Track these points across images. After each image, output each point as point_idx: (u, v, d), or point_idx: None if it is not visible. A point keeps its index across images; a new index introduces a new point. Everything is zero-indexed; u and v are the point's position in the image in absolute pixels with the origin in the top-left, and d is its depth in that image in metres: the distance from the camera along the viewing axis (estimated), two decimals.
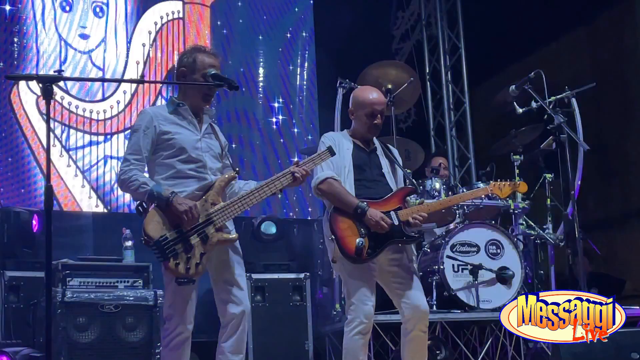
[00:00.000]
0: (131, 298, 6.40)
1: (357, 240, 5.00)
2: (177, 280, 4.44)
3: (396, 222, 5.09)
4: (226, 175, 4.71)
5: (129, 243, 6.73)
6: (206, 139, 4.80)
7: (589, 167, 7.63)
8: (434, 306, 6.79)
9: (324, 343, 7.18)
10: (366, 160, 5.33)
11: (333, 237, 5.05)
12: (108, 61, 8.54)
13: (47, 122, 4.08)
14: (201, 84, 4.74)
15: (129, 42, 8.68)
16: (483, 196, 7.14)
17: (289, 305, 7.16)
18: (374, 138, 5.46)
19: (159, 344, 6.26)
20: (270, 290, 7.13)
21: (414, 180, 6.00)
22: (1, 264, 6.71)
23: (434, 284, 6.85)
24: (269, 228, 7.47)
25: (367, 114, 5.31)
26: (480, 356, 6.59)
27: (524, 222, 7.52)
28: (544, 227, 7.58)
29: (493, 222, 7.23)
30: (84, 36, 8.47)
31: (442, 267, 6.81)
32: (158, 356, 6.21)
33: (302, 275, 7.20)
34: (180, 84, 4.84)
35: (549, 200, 7.58)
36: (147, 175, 4.69)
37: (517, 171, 7.50)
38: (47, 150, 4.07)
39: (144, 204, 4.53)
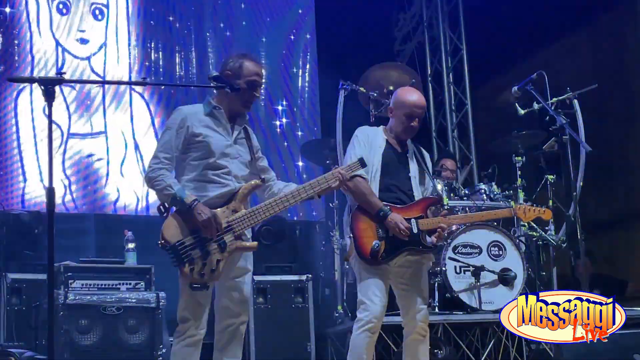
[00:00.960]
0: (133, 300, 6.40)
1: (374, 242, 5.07)
2: (191, 285, 4.45)
3: (415, 230, 5.14)
4: (252, 183, 4.70)
5: (131, 245, 6.74)
6: (237, 146, 4.79)
7: (591, 168, 7.61)
8: (436, 308, 6.79)
9: (326, 345, 7.18)
10: (396, 161, 5.38)
11: (351, 235, 5.13)
12: (109, 67, 8.53)
13: (49, 124, 4.08)
14: (202, 86, 4.74)
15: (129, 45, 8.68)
16: (485, 198, 7.18)
17: (291, 307, 7.16)
18: (409, 141, 5.51)
19: (161, 346, 6.29)
20: (273, 292, 7.13)
21: (440, 192, 5.99)
22: (3, 267, 6.71)
23: (436, 285, 6.85)
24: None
25: (405, 115, 5.34)
26: (483, 358, 6.58)
27: (525, 224, 7.51)
28: (546, 228, 7.57)
29: (495, 223, 7.23)
30: (82, 41, 8.44)
31: (444, 268, 6.81)
32: (160, 358, 6.22)
33: (304, 277, 7.20)
34: (189, 86, 4.81)
35: (551, 201, 7.57)
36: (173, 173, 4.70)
37: (519, 172, 7.50)
38: (50, 153, 4.06)
39: (166, 205, 4.54)
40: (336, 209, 7.54)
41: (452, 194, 7.39)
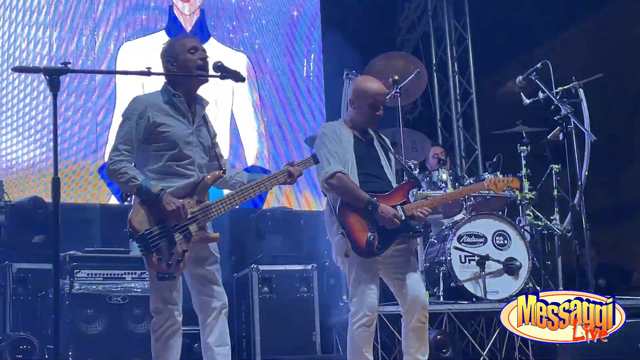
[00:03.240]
0: (139, 290, 6.42)
1: (369, 234, 5.04)
2: (158, 275, 4.43)
3: (403, 217, 5.11)
4: (215, 174, 4.68)
5: None
6: (197, 133, 4.75)
7: (596, 158, 7.61)
8: (441, 297, 6.80)
9: (331, 334, 7.19)
10: (366, 152, 5.32)
11: (343, 232, 5.07)
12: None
13: (54, 114, 4.08)
14: (208, 75, 4.71)
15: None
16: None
17: (296, 296, 7.17)
18: (369, 129, 5.45)
19: None
20: (278, 282, 7.14)
21: (414, 173, 5.99)
22: (9, 256, 6.73)
23: (441, 275, 6.85)
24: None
25: (369, 105, 5.26)
26: (488, 347, 6.58)
27: (530, 213, 7.52)
28: (551, 217, 7.57)
29: (500, 213, 7.22)
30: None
31: (449, 258, 6.81)
32: None
33: (309, 267, 7.20)
34: (192, 76, 4.76)
35: (555, 190, 7.57)
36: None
37: (523, 162, 7.50)
38: (55, 143, 4.07)
39: (128, 195, 4.53)
40: None
41: (457, 184, 7.39)
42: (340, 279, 7.33)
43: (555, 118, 6.79)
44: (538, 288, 7.18)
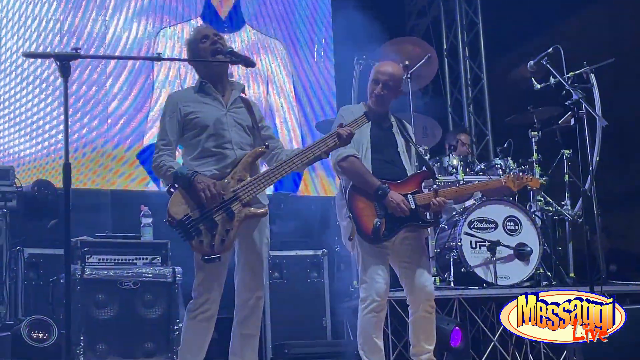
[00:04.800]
0: (150, 275, 6.44)
1: (375, 220, 5.06)
2: (203, 257, 4.48)
3: (413, 206, 5.13)
4: (255, 150, 4.71)
5: (147, 220, 6.76)
6: (232, 114, 4.80)
7: (607, 143, 7.58)
8: (452, 282, 6.79)
9: (341, 319, 7.20)
10: (383, 137, 5.34)
11: (350, 215, 5.08)
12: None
13: (65, 100, 4.09)
14: (217, 60, 4.74)
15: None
16: (501, 173, 7.15)
17: (307, 281, 7.18)
18: (390, 115, 5.46)
19: (177, 320, 6.32)
20: (288, 267, 7.16)
21: (429, 163, 5.99)
22: (21, 242, 6.76)
23: (451, 260, 6.85)
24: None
25: (371, 80, 5.36)
26: (498, 333, 6.58)
27: (541, 199, 7.50)
28: (562, 203, 7.56)
29: (510, 198, 7.22)
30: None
31: (459, 243, 6.81)
32: (177, 332, 6.25)
33: (319, 252, 7.21)
34: (204, 61, 4.83)
35: (566, 176, 7.56)
36: (179, 159, 4.77)
37: (534, 147, 7.47)
38: (65, 128, 4.08)
39: (173, 187, 4.58)
40: None
41: (467, 169, 7.37)
42: (350, 264, 7.33)
43: (566, 103, 6.77)
44: (549, 274, 7.18)
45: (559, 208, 7.49)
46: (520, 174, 6.03)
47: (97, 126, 8.26)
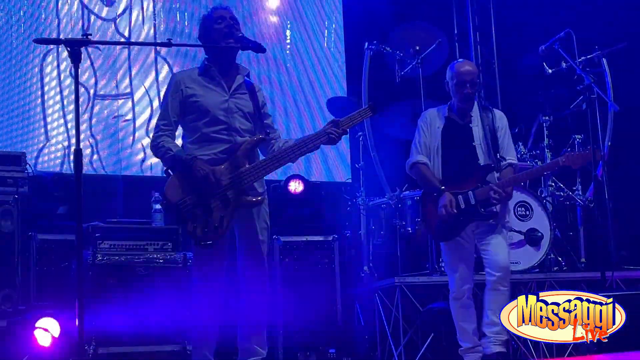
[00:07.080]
0: (161, 260, 6.46)
1: (437, 222, 5.49)
2: (197, 242, 4.49)
3: (472, 202, 5.44)
4: (254, 137, 4.72)
5: (158, 206, 6.77)
6: (235, 99, 4.79)
7: (619, 128, 7.55)
8: None
9: (352, 304, 7.21)
10: (455, 134, 5.64)
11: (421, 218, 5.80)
12: (134, 28, 8.51)
13: (76, 86, 4.10)
14: (226, 46, 4.74)
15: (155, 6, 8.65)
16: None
17: (317, 267, 7.18)
18: (476, 108, 5.71)
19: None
20: (299, 252, 7.15)
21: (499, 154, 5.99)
22: (33, 227, 6.77)
23: None
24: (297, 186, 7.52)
25: (456, 84, 5.61)
26: None
27: (552, 184, 7.48)
28: (573, 188, 7.54)
29: (522, 183, 7.19)
30: (108, 2, 8.41)
31: None
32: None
33: (330, 237, 7.21)
34: (214, 47, 4.83)
35: None
36: (179, 140, 4.77)
37: (546, 132, 7.45)
38: (77, 115, 4.09)
39: (170, 171, 4.59)
40: (362, 169, 7.54)
41: None
42: (361, 250, 7.34)
43: (578, 88, 6.74)
44: (560, 259, 7.17)
45: (570, 193, 7.48)
46: (579, 151, 6.14)
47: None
